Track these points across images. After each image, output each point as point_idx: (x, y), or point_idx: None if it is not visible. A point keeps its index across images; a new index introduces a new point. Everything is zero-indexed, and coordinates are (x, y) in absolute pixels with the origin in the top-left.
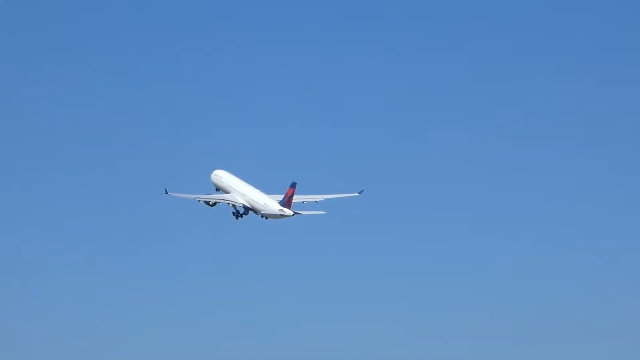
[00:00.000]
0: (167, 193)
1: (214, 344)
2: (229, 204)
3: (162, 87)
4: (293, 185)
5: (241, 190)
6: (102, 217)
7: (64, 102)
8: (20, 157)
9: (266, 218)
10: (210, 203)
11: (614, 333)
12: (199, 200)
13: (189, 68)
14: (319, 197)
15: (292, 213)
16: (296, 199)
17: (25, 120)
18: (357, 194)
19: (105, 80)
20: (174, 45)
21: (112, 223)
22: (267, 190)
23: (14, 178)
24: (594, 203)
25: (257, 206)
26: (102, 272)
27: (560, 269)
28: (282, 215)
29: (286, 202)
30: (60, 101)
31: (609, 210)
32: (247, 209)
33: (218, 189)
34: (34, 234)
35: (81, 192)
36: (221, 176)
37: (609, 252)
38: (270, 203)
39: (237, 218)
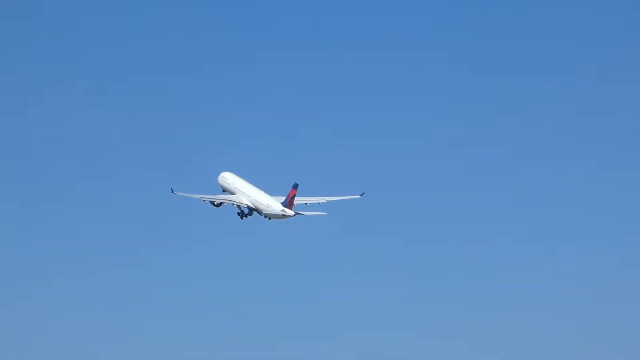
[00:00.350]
0: (173, 192)
1: (214, 343)
2: (233, 204)
3: (168, 90)
4: (295, 186)
5: (246, 192)
6: (109, 216)
7: (71, 102)
8: (24, 157)
9: (269, 218)
10: (216, 203)
11: (614, 333)
12: (204, 200)
13: (194, 72)
14: (322, 199)
15: (294, 213)
16: (299, 200)
17: (30, 120)
18: (359, 197)
19: (111, 81)
20: (183, 51)
21: (118, 221)
22: (271, 191)
23: (16, 181)
24: (593, 203)
25: (260, 207)
26: (106, 271)
27: (560, 269)
28: (284, 216)
29: (288, 203)
30: (66, 102)
31: (609, 210)
32: (251, 210)
33: (224, 190)
34: (40, 234)
35: (90, 192)
36: (227, 178)
37: (608, 252)
38: (273, 204)
39: (241, 218)
